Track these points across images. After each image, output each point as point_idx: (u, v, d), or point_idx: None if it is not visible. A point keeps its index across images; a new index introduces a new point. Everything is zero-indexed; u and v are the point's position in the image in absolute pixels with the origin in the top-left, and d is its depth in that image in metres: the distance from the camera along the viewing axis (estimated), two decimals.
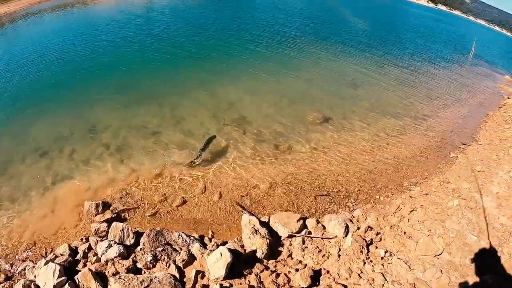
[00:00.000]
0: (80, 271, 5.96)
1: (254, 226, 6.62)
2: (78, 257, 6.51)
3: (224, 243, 6.54)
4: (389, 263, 6.39)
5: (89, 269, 5.82)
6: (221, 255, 5.56)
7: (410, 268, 6.41)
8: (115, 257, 6.29)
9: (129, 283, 5.50)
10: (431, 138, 13.75)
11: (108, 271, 5.98)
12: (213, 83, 14.51)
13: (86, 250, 6.59)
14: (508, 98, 21.80)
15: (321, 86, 16.86)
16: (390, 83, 19.85)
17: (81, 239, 7.02)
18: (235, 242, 6.49)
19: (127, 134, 10.18)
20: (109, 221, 7.17)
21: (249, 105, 13.07)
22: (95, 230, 7.01)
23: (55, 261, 5.99)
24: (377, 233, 7.26)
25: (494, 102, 20.60)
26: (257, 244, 6.29)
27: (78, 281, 5.69)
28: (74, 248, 6.68)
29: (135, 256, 6.34)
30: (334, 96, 16.02)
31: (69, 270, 6.05)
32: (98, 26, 20.03)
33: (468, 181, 9.66)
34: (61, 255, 6.43)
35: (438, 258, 6.73)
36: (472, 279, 6.25)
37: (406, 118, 15.15)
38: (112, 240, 6.63)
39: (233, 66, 17.05)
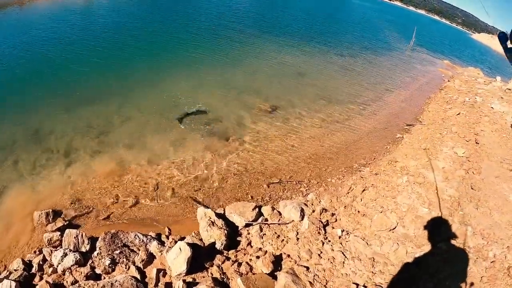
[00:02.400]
0: (37, 285, 5.74)
1: (210, 218, 6.75)
2: (33, 270, 6.35)
3: (182, 239, 6.72)
4: (347, 241, 6.65)
5: (46, 282, 5.75)
6: (181, 250, 5.60)
7: (367, 243, 6.68)
8: (72, 265, 6.23)
9: None
10: (376, 121, 14.61)
11: (67, 281, 5.97)
12: (158, 80, 14.49)
13: (41, 262, 6.47)
14: (448, 81, 23.17)
15: (268, 77, 17.53)
16: (335, 72, 20.97)
17: (34, 252, 6.86)
18: (193, 236, 6.60)
19: (73, 137, 9.97)
20: (61, 229, 7.11)
21: (197, 100, 13.17)
22: (48, 240, 6.85)
23: (9, 278, 5.62)
24: (332, 214, 7.53)
25: (436, 85, 21.95)
26: (215, 236, 6.43)
27: None
28: (28, 261, 6.56)
29: (92, 262, 6.32)
30: (281, 86, 16.66)
31: (25, 285, 5.84)
32: (38, 27, 18.91)
33: (415, 159, 10.18)
34: (15, 270, 6.26)
35: (393, 232, 7.04)
36: (428, 247, 6.71)
37: (352, 104, 16.33)
38: (67, 249, 6.53)
39: (178, 62, 17.11)
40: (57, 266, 6.23)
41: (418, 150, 11.15)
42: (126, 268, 6.08)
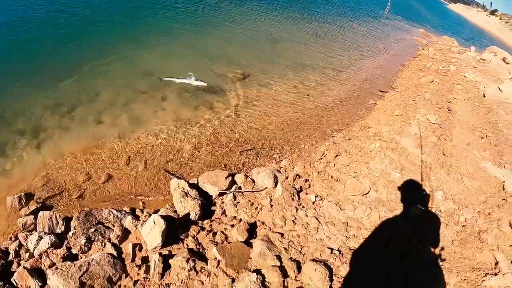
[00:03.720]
0: (15, 271, 5.58)
1: (183, 189, 6.76)
2: (10, 257, 6.24)
3: (156, 212, 6.66)
4: (320, 207, 6.78)
5: (24, 267, 5.65)
6: (155, 223, 5.61)
7: (341, 208, 6.82)
8: (47, 248, 6.18)
9: (67, 271, 5.43)
10: (350, 88, 14.83)
11: (44, 265, 5.92)
12: (126, 52, 14.03)
13: (17, 248, 6.36)
14: (423, 49, 23.53)
15: (239, 43, 17.42)
16: (308, 38, 20.91)
17: (10, 238, 6.75)
18: (167, 208, 6.63)
19: (43, 116, 9.69)
20: (35, 212, 6.99)
21: (167, 69, 12.94)
22: (23, 224, 6.76)
23: None
24: (306, 180, 7.67)
25: (410, 53, 22.18)
26: (189, 206, 6.46)
27: (16, 283, 5.49)
28: (4, 249, 6.44)
29: (68, 243, 6.27)
30: (253, 52, 16.59)
31: (4, 273, 5.76)
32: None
33: (387, 125, 10.38)
34: None
35: (366, 197, 7.23)
36: (400, 211, 6.75)
37: (325, 70, 16.48)
38: (41, 232, 6.46)
39: (148, 33, 16.52)
40: (33, 250, 6.17)
41: (391, 116, 11.35)
42: (102, 245, 6.10)
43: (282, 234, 6.07)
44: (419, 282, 5.48)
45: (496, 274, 5.58)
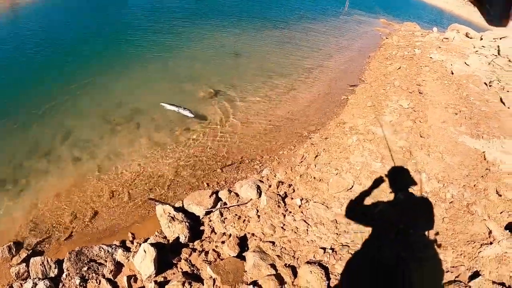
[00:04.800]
0: None
1: (169, 214, 6.70)
2: None
3: (146, 240, 6.51)
4: (307, 209, 6.78)
5: None
6: (145, 252, 5.56)
7: (328, 207, 6.83)
8: None
9: None
10: (320, 87, 14.97)
11: None
12: (94, 84, 13.42)
13: None
14: (386, 38, 23.64)
15: (205, 61, 16.89)
16: (272, 46, 20.80)
17: None
18: (156, 236, 6.56)
19: (20, 161, 9.36)
20: (26, 260, 6.75)
21: (138, 97, 12.62)
22: (16, 273, 6.56)
23: None
24: (289, 185, 7.67)
25: (374, 44, 22.40)
26: (177, 230, 6.40)
27: None
28: None
29: (63, 285, 6.02)
30: (219, 68, 16.22)
31: None
32: None
33: (362, 117, 10.43)
34: None
35: (351, 191, 7.30)
36: (386, 199, 6.65)
37: (293, 75, 16.25)
38: (35, 278, 6.27)
39: (113, 61, 15.82)
40: None
41: (364, 108, 11.44)
42: (97, 282, 5.98)
43: (273, 242, 6.04)
44: (415, 265, 5.48)
45: (491, 243, 5.63)
